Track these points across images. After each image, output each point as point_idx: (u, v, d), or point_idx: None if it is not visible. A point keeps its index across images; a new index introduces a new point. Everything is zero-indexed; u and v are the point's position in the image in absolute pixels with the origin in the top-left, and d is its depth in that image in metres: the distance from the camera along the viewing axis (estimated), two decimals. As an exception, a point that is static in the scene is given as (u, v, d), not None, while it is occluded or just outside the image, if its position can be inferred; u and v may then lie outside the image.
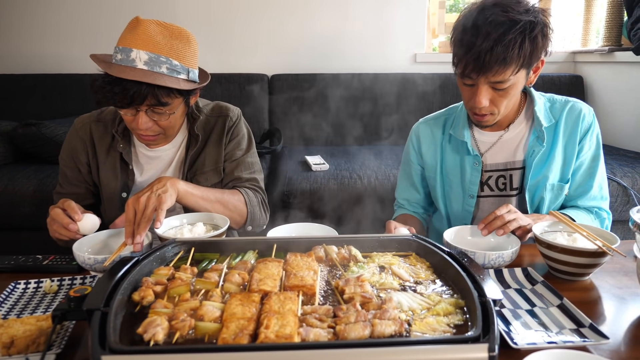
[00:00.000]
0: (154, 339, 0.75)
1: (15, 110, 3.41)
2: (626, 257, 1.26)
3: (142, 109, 1.44)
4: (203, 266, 1.06)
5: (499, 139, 1.60)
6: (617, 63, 3.35)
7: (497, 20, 1.32)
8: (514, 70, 1.36)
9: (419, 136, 1.73)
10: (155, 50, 1.40)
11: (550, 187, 1.56)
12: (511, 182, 1.60)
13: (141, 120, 1.45)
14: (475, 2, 1.41)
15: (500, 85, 1.39)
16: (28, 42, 3.65)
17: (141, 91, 1.38)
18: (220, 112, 1.73)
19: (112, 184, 1.63)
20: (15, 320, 0.90)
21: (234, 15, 3.67)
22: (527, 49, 1.34)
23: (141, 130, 1.48)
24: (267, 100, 3.60)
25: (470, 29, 1.35)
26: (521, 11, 1.33)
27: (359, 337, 0.77)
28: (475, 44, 1.32)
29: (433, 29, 4.04)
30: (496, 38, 1.31)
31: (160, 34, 1.42)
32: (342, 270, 1.04)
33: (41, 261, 1.26)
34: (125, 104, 1.40)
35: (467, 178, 1.62)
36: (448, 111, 1.74)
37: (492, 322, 0.75)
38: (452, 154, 1.66)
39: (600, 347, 0.89)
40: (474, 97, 1.43)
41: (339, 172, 2.76)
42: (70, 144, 1.66)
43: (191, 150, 1.65)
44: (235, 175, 1.70)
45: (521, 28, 1.32)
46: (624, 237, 1.77)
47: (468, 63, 1.36)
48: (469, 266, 0.94)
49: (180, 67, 1.45)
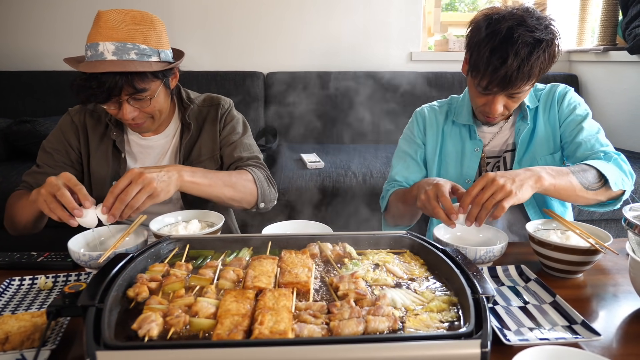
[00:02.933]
0: (148, 335, 0.75)
1: (10, 108, 3.40)
2: (618, 255, 1.27)
3: (123, 99, 1.43)
4: (198, 263, 1.06)
5: (499, 129, 1.67)
6: (612, 62, 3.36)
7: (525, 41, 1.35)
8: (533, 83, 1.44)
9: (425, 118, 1.77)
10: (120, 38, 1.38)
11: (543, 161, 1.60)
12: (504, 164, 1.66)
13: (125, 111, 1.45)
14: (492, 13, 1.42)
15: (517, 95, 1.46)
16: (23, 39, 3.64)
17: (116, 82, 1.37)
18: (212, 102, 1.74)
19: (102, 171, 1.62)
20: (10, 317, 0.90)
21: (230, 13, 3.67)
22: (546, 63, 1.41)
23: (128, 120, 1.48)
24: (262, 98, 3.60)
25: (498, 49, 1.37)
26: (542, 29, 1.37)
27: (353, 333, 0.77)
28: (503, 66, 1.35)
29: (429, 27, 4.04)
30: (523, 58, 1.35)
31: (122, 22, 1.40)
32: (336, 267, 1.04)
33: (36, 258, 1.26)
34: (105, 99, 1.40)
35: (466, 163, 1.67)
36: (450, 100, 1.81)
37: (485, 319, 0.76)
38: (454, 139, 1.71)
39: (592, 343, 0.90)
40: (490, 105, 1.48)
41: (334, 170, 2.77)
42: (61, 129, 1.65)
43: (185, 139, 1.65)
44: (236, 156, 1.70)
45: (544, 46, 1.37)
46: (617, 235, 1.78)
47: (492, 81, 1.40)
48: (462, 263, 0.95)
49: (149, 50, 1.44)
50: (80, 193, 1.22)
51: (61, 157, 1.63)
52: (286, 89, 3.56)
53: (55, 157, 1.62)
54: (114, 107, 1.46)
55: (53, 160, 1.61)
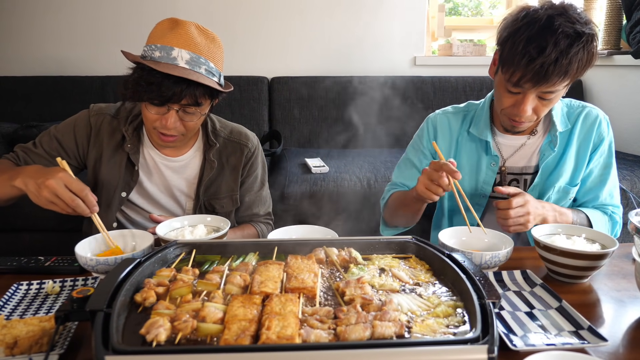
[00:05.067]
0: (156, 340, 0.75)
1: (17, 113, 3.41)
2: (625, 260, 1.27)
3: (175, 107, 1.44)
4: (205, 268, 1.07)
5: (522, 144, 1.60)
6: (616, 66, 3.36)
7: (565, 31, 1.27)
8: (568, 82, 1.35)
9: (436, 126, 1.70)
10: (196, 51, 1.42)
11: (557, 188, 1.56)
12: (524, 186, 1.60)
13: (171, 120, 1.45)
14: (528, 7, 1.36)
15: (548, 96, 1.38)
16: (29, 44, 3.66)
17: (182, 90, 1.39)
18: (239, 139, 1.74)
19: (113, 181, 1.63)
20: (18, 321, 0.91)
21: (235, 18, 3.68)
22: (584, 62, 1.32)
23: (166, 129, 1.48)
24: (267, 102, 3.61)
25: (535, 38, 1.29)
26: (583, 22, 1.31)
27: (360, 338, 0.77)
28: (540, 56, 1.27)
29: (432, 32, 4.05)
30: (562, 50, 1.27)
31: (199, 36, 1.45)
32: (342, 272, 1.04)
33: (43, 262, 1.26)
34: (161, 101, 1.41)
35: (482, 177, 1.62)
36: (467, 107, 1.71)
37: (491, 324, 0.76)
38: (469, 151, 1.64)
39: (599, 349, 0.89)
40: (519, 106, 1.40)
41: (338, 175, 2.77)
42: (75, 123, 1.63)
43: (206, 175, 1.67)
44: (254, 211, 1.79)
45: (584, 41, 1.30)
46: (623, 240, 1.77)
47: (526, 74, 1.31)
48: (468, 268, 0.95)
49: (215, 70, 1.48)
50: (88, 199, 1.26)
51: (60, 147, 1.60)
52: (290, 94, 3.58)
53: (54, 145, 1.60)
54: (158, 113, 1.45)
55: (50, 145, 1.60)
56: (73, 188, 1.24)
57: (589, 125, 1.56)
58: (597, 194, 1.59)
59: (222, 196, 1.71)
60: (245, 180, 1.76)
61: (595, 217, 1.54)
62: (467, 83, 3.64)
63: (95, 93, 3.46)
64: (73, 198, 1.24)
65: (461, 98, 3.59)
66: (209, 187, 1.70)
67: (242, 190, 1.76)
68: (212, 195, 1.70)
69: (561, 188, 1.57)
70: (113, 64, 3.66)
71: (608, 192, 1.60)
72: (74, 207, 1.24)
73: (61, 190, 1.23)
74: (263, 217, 1.83)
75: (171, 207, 1.71)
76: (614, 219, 1.60)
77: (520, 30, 1.32)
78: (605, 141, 1.57)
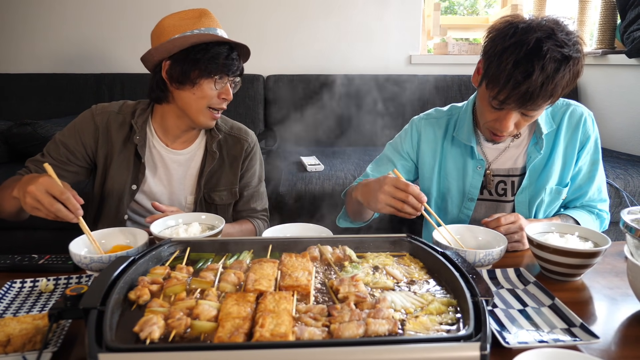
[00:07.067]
0: (150, 338, 0.76)
1: (11, 110, 3.40)
2: (617, 258, 1.28)
3: (230, 78, 1.59)
4: (199, 266, 1.07)
5: (507, 146, 1.60)
6: (610, 66, 3.38)
7: (553, 56, 1.26)
8: (552, 103, 1.35)
9: (421, 133, 1.69)
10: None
11: (549, 190, 1.57)
12: (512, 188, 1.61)
13: (230, 90, 1.60)
14: (517, 20, 1.33)
15: (531, 113, 1.37)
16: (24, 41, 3.64)
17: (239, 59, 1.59)
18: (239, 134, 1.80)
19: (123, 175, 1.64)
20: (11, 319, 0.90)
21: (230, 16, 3.67)
22: (569, 83, 1.31)
23: (229, 96, 1.60)
24: (262, 100, 3.61)
25: (523, 62, 1.26)
26: (570, 45, 1.28)
27: (353, 335, 0.78)
28: (526, 80, 1.26)
29: (428, 30, 4.05)
30: (549, 75, 1.26)
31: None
32: (336, 270, 1.05)
33: (37, 260, 1.26)
34: (234, 70, 1.57)
35: (469, 181, 1.62)
36: (450, 111, 1.70)
37: (484, 322, 0.76)
38: (455, 155, 1.64)
39: (591, 346, 0.90)
40: (502, 122, 1.39)
41: (333, 173, 2.77)
42: (79, 126, 1.63)
43: (207, 166, 1.70)
44: (251, 206, 1.84)
45: (571, 65, 1.28)
46: (616, 239, 1.78)
47: (511, 95, 1.30)
48: (461, 266, 0.96)
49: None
50: (71, 202, 1.22)
51: (67, 152, 1.61)
52: (286, 92, 3.57)
53: (61, 151, 1.61)
54: (217, 85, 1.57)
55: (58, 152, 1.61)
56: (53, 192, 1.21)
57: (574, 124, 1.56)
58: (585, 190, 1.61)
59: (221, 189, 1.75)
60: (245, 174, 1.80)
61: (583, 219, 1.56)
62: (462, 81, 3.65)
63: (90, 90, 3.44)
64: (52, 203, 1.20)
65: (456, 96, 3.60)
66: (210, 179, 1.74)
67: (241, 184, 1.80)
68: (212, 187, 1.74)
69: (553, 190, 1.57)
70: (107, 62, 3.66)
71: (596, 188, 1.61)
72: (55, 211, 1.20)
73: (40, 195, 1.20)
74: (260, 213, 1.87)
75: (171, 202, 1.73)
76: (601, 216, 1.63)
77: (508, 51, 1.28)
78: (592, 138, 1.58)
